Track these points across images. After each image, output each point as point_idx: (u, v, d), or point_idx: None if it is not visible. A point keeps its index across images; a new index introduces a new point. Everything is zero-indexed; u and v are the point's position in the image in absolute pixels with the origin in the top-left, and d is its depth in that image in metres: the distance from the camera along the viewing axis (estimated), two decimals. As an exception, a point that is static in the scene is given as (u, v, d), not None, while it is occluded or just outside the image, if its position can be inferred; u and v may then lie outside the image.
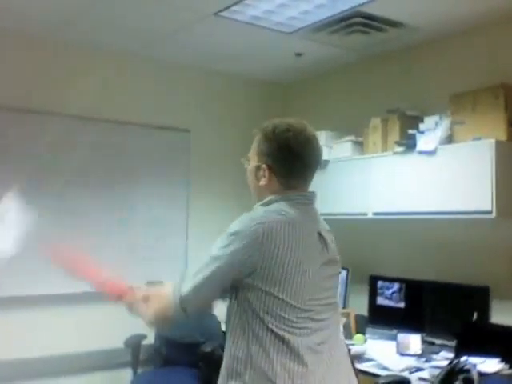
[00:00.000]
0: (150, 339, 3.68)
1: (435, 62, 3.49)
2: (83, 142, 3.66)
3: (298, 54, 3.85)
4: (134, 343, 3.60)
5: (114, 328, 3.66)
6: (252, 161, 1.72)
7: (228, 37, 3.53)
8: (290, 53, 3.82)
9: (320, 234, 1.64)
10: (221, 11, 3.09)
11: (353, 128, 3.66)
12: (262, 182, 1.67)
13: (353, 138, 3.60)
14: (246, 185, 1.68)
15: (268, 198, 1.65)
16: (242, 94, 4.41)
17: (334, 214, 3.58)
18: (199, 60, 4.01)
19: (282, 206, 1.61)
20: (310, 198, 1.72)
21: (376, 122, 3.46)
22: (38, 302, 3.46)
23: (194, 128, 4.12)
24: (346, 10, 3.05)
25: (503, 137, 2.83)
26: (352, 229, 3.50)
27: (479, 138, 2.87)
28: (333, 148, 3.69)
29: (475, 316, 2.95)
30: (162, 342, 3.71)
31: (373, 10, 3.05)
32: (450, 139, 3.03)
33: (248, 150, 1.76)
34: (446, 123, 3.05)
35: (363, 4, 2.96)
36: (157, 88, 4.03)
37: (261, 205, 1.66)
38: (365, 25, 3.27)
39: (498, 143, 2.78)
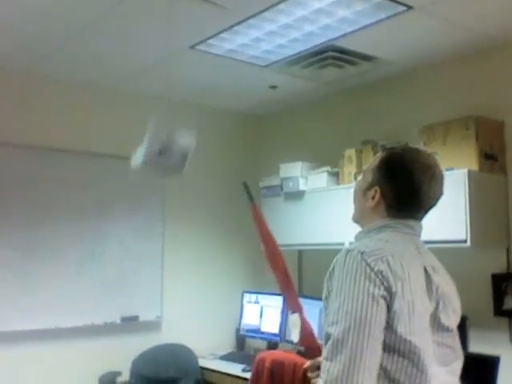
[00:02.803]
0: (125, 376, 3.60)
1: (408, 94, 3.58)
2: (54, 174, 3.62)
3: (273, 87, 3.91)
4: (109, 380, 3.51)
5: (87, 365, 3.58)
6: (366, 176, 1.61)
7: (204, 69, 3.57)
8: (264, 85, 3.87)
9: (426, 270, 1.50)
10: (196, 44, 3.13)
11: (328, 159, 3.70)
12: (370, 203, 1.57)
13: (328, 168, 3.63)
14: (222, 215, 1.64)
15: (372, 224, 1.56)
16: (217, 126, 4.43)
17: (311, 245, 3.60)
18: (174, 92, 4.02)
19: (385, 236, 1.51)
20: (417, 229, 1.60)
21: (351, 152, 3.51)
22: (11, 338, 3.36)
23: (169, 160, 4.12)
24: (320, 45, 3.12)
25: (475, 167, 2.88)
26: (329, 259, 3.50)
27: (452, 169, 2.92)
28: (308, 179, 3.72)
29: (453, 345, 2.95)
30: (136, 378, 3.63)
31: (346, 44, 3.12)
32: (423, 169, 3.08)
33: (221, 181, 1.75)
34: (419, 154, 3.10)
35: (336, 39, 3.03)
36: (130, 120, 4.02)
37: (366, 231, 1.57)
38: (338, 59, 3.34)
39: (471, 173, 2.83)
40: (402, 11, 2.69)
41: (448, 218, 2.85)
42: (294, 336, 1.88)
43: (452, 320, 1.53)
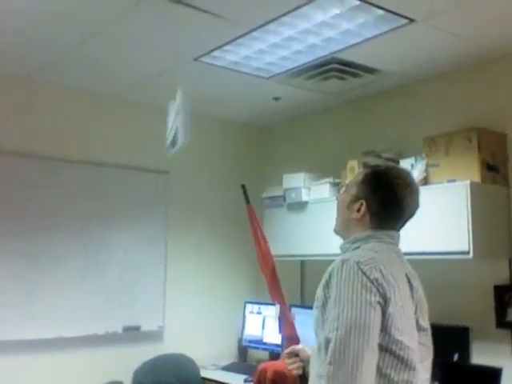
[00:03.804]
0: (127, 386, 3.59)
1: (410, 105, 3.60)
2: (58, 184, 3.64)
3: (276, 98, 3.93)
4: (110, 390, 3.50)
5: (89, 374, 3.57)
6: (350, 189, 1.73)
7: (208, 81, 3.59)
8: (268, 97, 3.90)
9: (407, 276, 1.64)
10: (201, 56, 3.16)
11: (331, 170, 3.72)
12: (355, 215, 1.68)
13: (331, 179, 3.64)
14: (224, 225, 1.67)
15: (357, 235, 1.66)
16: (220, 137, 4.46)
17: (314, 255, 3.60)
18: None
19: (374, 246, 1.62)
20: (397, 239, 1.72)
21: (353, 164, 3.52)
22: (13, 347, 3.36)
23: (172, 170, 4.14)
24: (323, 57, 3.15)
25: (477, 178, 2.89)
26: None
27: (454, 180, 2.94)
28: (311, 189, 3.73)
29: (456, 357, 2.95)
30: (138, 388, 3.62)
31: (348, 56, 3.14)
32: (425, 181, 3.09)
33: (225, 191, 1.78)
34: (421, 165, 3.12)
35: (339, 51, 3.05)
36: (135, 130, 4.05)
37: (351, 241, 1.67)
38: (341, 71, 3.37)
39: (473, 185, 2.84)
40: (404, 24, 2.72)
41: (450, 229, 2.86)
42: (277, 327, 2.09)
43: (426, 321, 1.66)
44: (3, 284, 3.38)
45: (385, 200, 1.66)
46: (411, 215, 1.71)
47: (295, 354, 1.91)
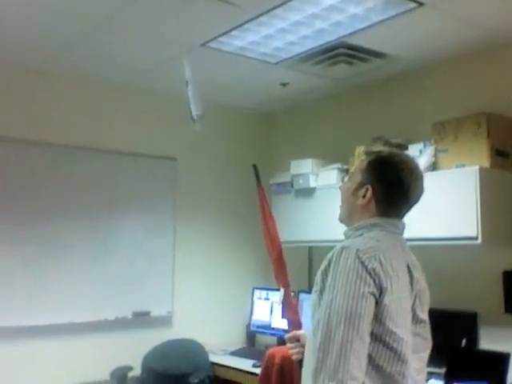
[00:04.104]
0: (137, 371, 3.63)
1: (419, 91, 3.57)
2: (67, 171, 3.65)
3: (284, 84, 3.91)
4: (120, 375, 3.54)
5: (99, 359, 3.61)
6: (354, 177, 1.73)
7: (215, 67, 3.58)
8: (275, 82, 3.88)
9: (408, 267, 1.63)
10: (208, 42, 3.14)
11: (338, 156, 3.71)
12: (361, 201, 1.68)
13: (339, 165, 3.63)
14: (232, 211, 1.68)
15: (362, 223, 1.66)
16: (228, 123, 4.45)
17: (322, 241, 3.61)
18: (186, 90, 4.04)
19: (376, 235, 1.62)
20: (401, 228, 1.72)
21: (361, 150, 3.50)
22: (24, 333, 3.40)
23: (180, 156, 4.14)
24: (331, 42, 3.12)
25: (486, 164, 2.87)
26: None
27: (463, 166, 2.92)
28: (319, 176, 3.72)
29: (464, 342, 2.95)
30: (148, 373, 3.66)
31: (356, 41, 3.12)
32: (434, 167, 3.08)
33: (233, 178, 1.78)
34: (429, 151, 3.10)
35: (347, 35, 3.03)
36: (143, 117, 4.06)
37: (355, 228, 1.67)
38: (349, 55, 3.34)
39: (482, 170, 2.82)
40: (413, 8, 2.69)
41: (459, 215, 2.85)
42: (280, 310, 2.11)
43: (425, 313, 1.66)
44: (14, 271, 3.41)
45: (390, 186, 1.66)
46: (416, 201, 1.71)
47: (296, 339, 1.92)
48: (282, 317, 2.13)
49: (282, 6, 2.69)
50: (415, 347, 1.58)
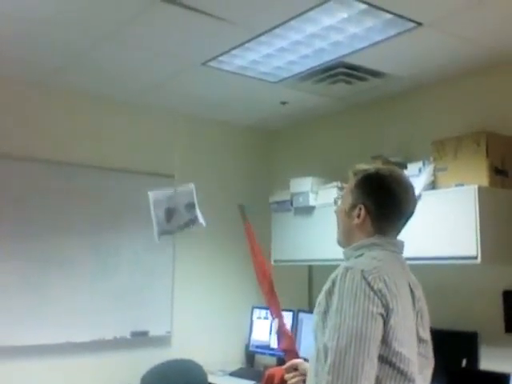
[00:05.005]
0: (135, 391, 3.59)
1: (418, 109, 3.58)
2: (68, 188, 3.66)
3: (283, 103, 3.93)
4: (118, 395, 3.51)
5: (97, 379, 3.58)
6: (346, 199, 1.73)
7: (215, 85, 3.60)
8: (275, 101, 3.90)
9: (410, 286, 1.63)
10: (208, 61, 3.17)
11: (338, 174, 3.70)
12: (356, 221, 1.67)
13: (338, 183, 3.63)
14: (232, 229, 1.70)
15: (361, 242, 1.65)
16: (227, 141, 4.46)
17: (321, 260, 3.59)
18: (185, 107, 4.08)
19: (378, 255, 1.60)
20: (400, 247, 1.71)
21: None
22: (19, 353, 3.36)
23: (178, 174, 4.14)
24: (330, 61, 3.15)
25: (485, 183, 2.87)
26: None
27: (462, 184, 2.92)
28: (319, 194, 3.72)
29: (464, 362, 2.92)
30: (146, 393, 3.61)
31: (356, 60, 3.14)
32: (433, 185, 3.07)
33: (232, 195, 1.79)
34: (429, 169, 3.10)
35: (347, 55, 3.05)
36: (142, 133, 4.07)
37: (354, 248, 1.65)
38: (348, 75, 3.36)
39: (481, 189, 2.82)
40: (412, 28, 2.71)
41: (458, 234, 2.85)
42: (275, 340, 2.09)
43: (427, 332, 1.65)
44: (14, 288, 3.40)
45: (381, 200, 1.65)
46: (411, 213, 1.70)
47: (294, 368, 1.90)
48: (278, 347, 2.13)
49: (282, 26, 2.72)
50: (419, 367, 1.57)
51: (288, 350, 2.05)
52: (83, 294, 3.63)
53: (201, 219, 2.73)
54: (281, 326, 2.09)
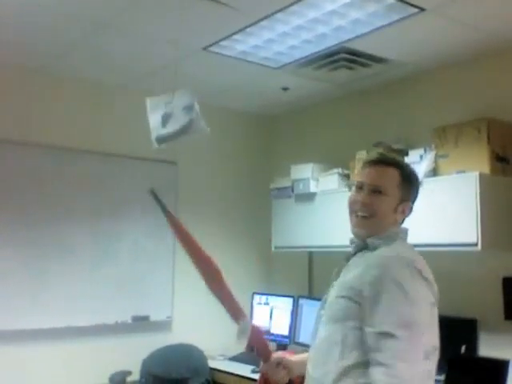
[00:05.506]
0: (135, 375, 3.61)
1: (420, 96, 3.57)
2: (69, 174, 3.65)
3: (285, 88, 3.91)
4: (119, 380, 3.53)
5: (98, 364, 3.60)
6: (391, 191, 1.69)
7: (216, 71, 3.58)
8: (276, 87, 3.88)
9: None
10: (209, 46, 3.15)
11: (339, 161, 3.70)
12: (400, 216, 1.71)
13: (339, 170, 3.63)
14: (233, 216, 1.63)
15: (391, 232, 1.69)
16: (229, 127, 4.45)
17: (322, 247, 3.60)
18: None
19: (408, 245, 1.72)
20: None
21: (362, 155, 3.50)
22: (22, 336, 3.39)
23: (181, 160, 4.13)
24: (332, 46, 3.12)
25: (486, 170, 2.87)
26: (340, 261, 3.50)
27: (463, 171, 2.92)
28: (319, 181, 3.72)
29: (463, 349, 2.94)
30: (146, 378, 3.64)
31: (358, 46, 3.12)
32: (434, 172, 3.07)
33: (233, 182, 1.76)
34: (430, 156, 3.10)
35: (348, 40, 3.03)
36: (144, 120, 4.04)
37: (383, 238, 1.67)
38: (350, 60, 3.34)
39: (482, 176, 2.82)
40: (415, 13, 2.69)
41: (459, 221, 2.85)
42: (243, 343, 1.96)
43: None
44: (14, 273, 3.41)
45: (416, 196, 1.76)
46: None
47: (276, 365, 1.92)
48: (247, 349, 1.95)
49: (283, 11, 2.69)
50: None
51: (261, 350, 1.94)
52: (84, 280, 3.64)
53: (201, 122, 2.48)
54: (246, 327, 1.99)
